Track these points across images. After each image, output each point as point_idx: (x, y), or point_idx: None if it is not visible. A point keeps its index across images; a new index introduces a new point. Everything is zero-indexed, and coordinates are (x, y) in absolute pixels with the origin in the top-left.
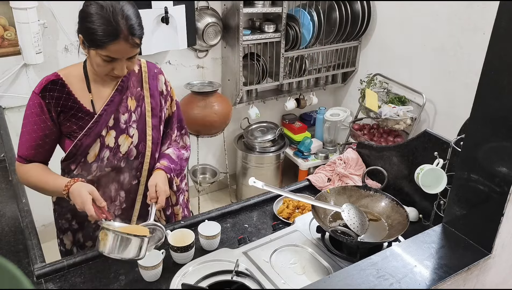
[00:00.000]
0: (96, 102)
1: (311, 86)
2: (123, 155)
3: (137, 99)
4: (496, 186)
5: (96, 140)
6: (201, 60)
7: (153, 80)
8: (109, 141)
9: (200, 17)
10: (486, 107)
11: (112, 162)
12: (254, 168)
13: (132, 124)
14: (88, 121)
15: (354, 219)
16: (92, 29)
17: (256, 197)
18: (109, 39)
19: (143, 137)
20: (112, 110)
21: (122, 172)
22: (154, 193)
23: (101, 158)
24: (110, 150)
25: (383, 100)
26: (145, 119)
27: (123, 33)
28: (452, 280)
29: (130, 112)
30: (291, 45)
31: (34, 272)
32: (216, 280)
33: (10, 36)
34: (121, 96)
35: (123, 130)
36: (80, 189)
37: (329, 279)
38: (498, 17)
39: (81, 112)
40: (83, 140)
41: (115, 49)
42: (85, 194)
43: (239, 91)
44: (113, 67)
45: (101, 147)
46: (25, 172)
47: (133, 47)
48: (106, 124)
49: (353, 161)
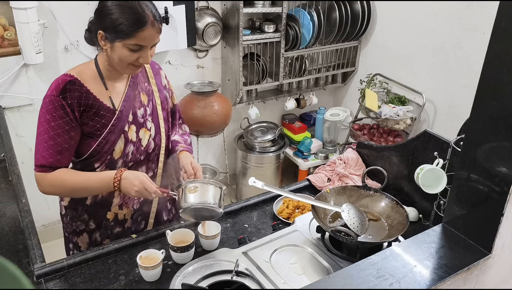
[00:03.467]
0: (114, 99)
1: (311, 86)
2: (144, 148)
3: (147, 93)
4: (496, 186)
5: (121, 136)
6: (201, 60)
7: (157, 75)
8: (132, 136)
9: (200, 17)
10: (486, 107)
11: (135, 156)
12: (254, 168)
13: (148, 118)
14: (110, 118)
15: (354, 219)
16: (117, 20)
17: (256, 197)
18: (138, 26)
19: (158, 129)
20: (130, 105)
21: (141, 165)
22: (191, 170)
23: (126, 154)
24: (134, 144)
25: (383, 100)
26: (157, 112)
27: (150, 19)
28: (452, 280)
29: (144, 106)
30: (291, 45)
31: (34, 272)
32: (216, 280)
33: (10, 36)
34: (134, 91)
35: (142, 124)
36: (135, 173)
37: (329, 279)
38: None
39: (103, 109)
40: (108, 137)
41: (144, 36)
42: (141, 174)
43: (239, 91)
44: (139, 56)
45: (126, 142)
46: (55, 180)
47: (158, 33)
48: (127, 119)
49: (353, 161)
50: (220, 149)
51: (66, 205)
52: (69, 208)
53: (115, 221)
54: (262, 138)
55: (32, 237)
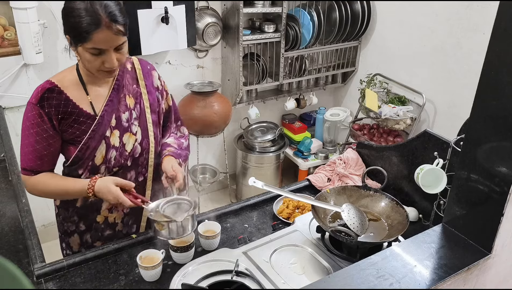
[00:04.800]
0: (95, 104)
1: (311, 86)
2: (129, 153)
3: (134, 96)
4: (496, 186)
5: (102, 141)
6: (201, 60)
7: (148, 76)
8: (114, 141)
9: (200, 17)
10: (486, 107)
11: (119, 162)
12: (254, 168)
13: (134, 122)
14: (90, 124)
15: (354, 219)
16: (74, 23)
17: (256, 197)
18: (91, 28)
19: (145, 133)
20: (112, 110)
21: (129, 170)
22: (172, 172)
23: (108, 159)
24: (116, 149)
25: (383, 100)
26: (146, 116)
27: (104, 20)
28: (452, 280)
29: (130, 110)
30: (291, 45)
31: (34, 272)
32: (216, 280)
33: (10, 36)
34: (119, 94)
35: (126, 128)
36: (107, 185)
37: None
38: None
39: (82, 116)
40: (88, 143)
41: (99, 38)
42: (114, 188)
43: (239, 91)
44: (102, 60)
45: (107, 148)
46: (37, 183)
47: (117, 35)
48: (109, 124)
49: (353, 161)
50: (220, 149)
51: (58, 205)
52: (61, 208)
53: (106, 224)
54: (262, 138)
55: (32, 237)
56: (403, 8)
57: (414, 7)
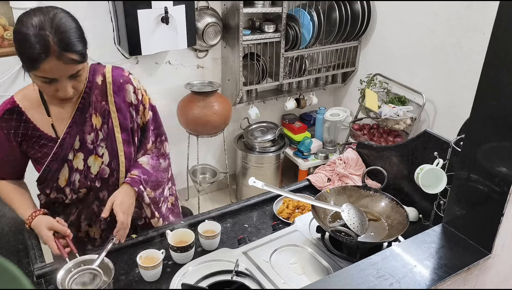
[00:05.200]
0: (57, 126)
1: (311, 86)
2: (96, 175)
3: (102, 115)
4: (496, 186)
5: (64, 164)
6: (201, 60)
7: (120, 91)
8: (77, 164)
9: (200, 17)
10: (486, 107)
11: (85, 184)
12: (254, 168)
13: (100, 143)
14: (52, 147)
15: (354, 219)
16: (23, 49)
17: (256, 197)
18: (40, 57)
19: (114, 154)
20: (76, 132)
21: (100, 190)
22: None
23: (72, 182)
24: (80, 173)
25: (383, 100)
26: (114, 135)
27: (53, 49)
28: (452, 280)
29: (96, 131)
30: (291, 45)
31: (34, 272)
32: (216, 280)
33: (10, 36)
34: (84, 115)
35: (91, 150)
36: (39, 227)
37: (329, 279)
38: (498, 17)
39: (43, 138)
40: (50, 165)
41: (48, 68)
42: (45, 232)
43: (239, 91)
44: (55, 88)
45: (70, 171)
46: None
47: (69, 64)
48: (71, 147)
49: (353, 161)
50: (220, 149)
51: None
52: None
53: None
54: (262, 138)
55: (32, 237)
56: (403, 8)
57: (414, 7)
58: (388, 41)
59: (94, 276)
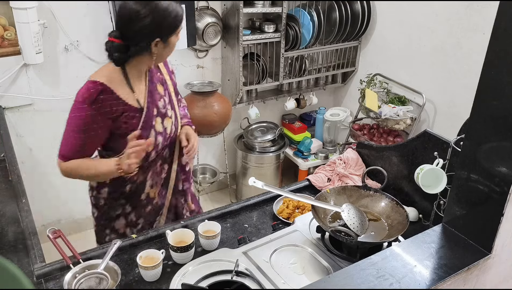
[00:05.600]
0: (139, 98)
1: (311, 86)
2: (169, 135)
3: (161, 83)
4: (496, 186)
5: (151, 130)
6: (201, 60)
7: (164, 63)
8: (159, 127)
9: (200, 17)
10: (486, 107)
11: (163, 144)
12: (254, 168)
13: (168, 106)
14: (139, 117)
15: (354, 219)
16: (164, 18)
17: (256, 197)
18: (182, 18)
19: (175, 114)
20: (152, 100)
21: (165, 148)
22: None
23: (157, 145)
24: (161, 135)
25: (383, 100)
26: (172, 99)
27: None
28: (452, 280)
29: (162, 97)
30: (291, 45)
31: (34, 272)
32: (216, 280)
33: (10, 36)
34: (153, 85)
35: (164, 114)
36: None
37: (329, 279)
38: (498, 17)
39: (132, 111)
40: (141, 134)
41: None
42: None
43: (239, 91)
44: (169, 50)
45: (156, 135)
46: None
47: None
48: (153, 114)
49: (353, 161)
50: (220, 149)
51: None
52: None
53: (147, 200)
54: (262, 138)
55: (32, 237)
56: (403, 8)
57: (414, 7)
58: (388, 41)
59: (100, 280)
